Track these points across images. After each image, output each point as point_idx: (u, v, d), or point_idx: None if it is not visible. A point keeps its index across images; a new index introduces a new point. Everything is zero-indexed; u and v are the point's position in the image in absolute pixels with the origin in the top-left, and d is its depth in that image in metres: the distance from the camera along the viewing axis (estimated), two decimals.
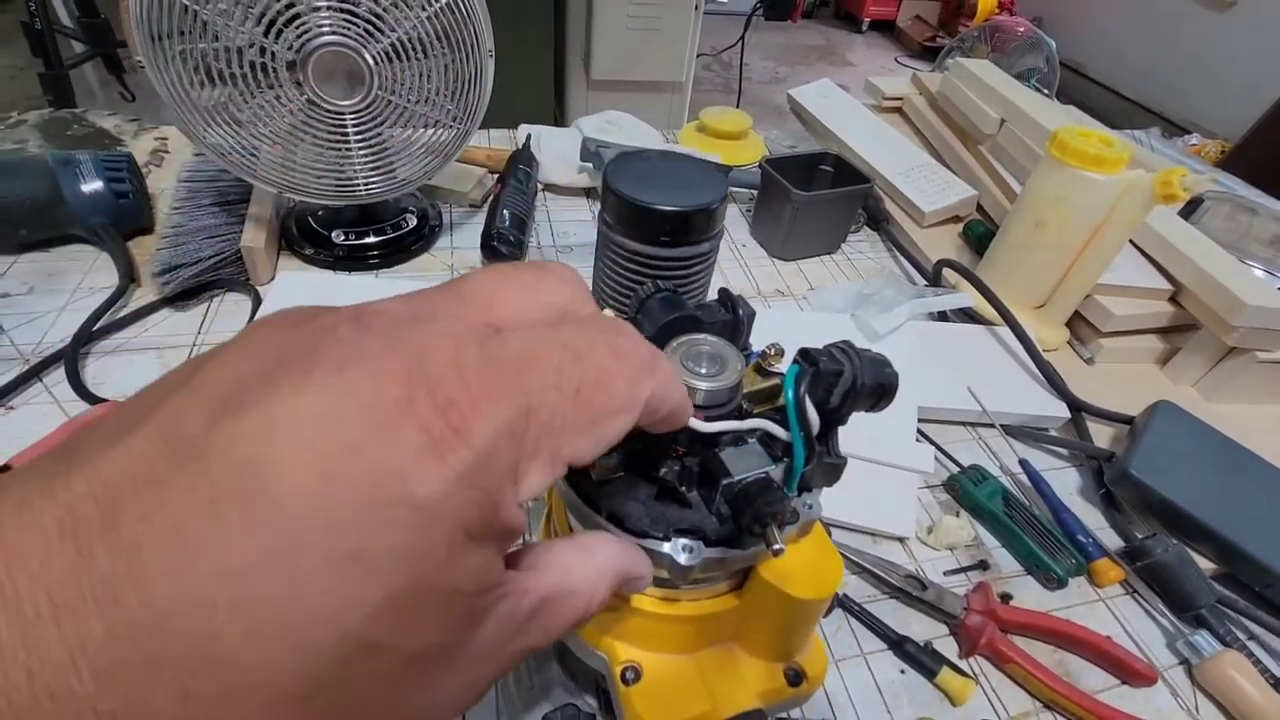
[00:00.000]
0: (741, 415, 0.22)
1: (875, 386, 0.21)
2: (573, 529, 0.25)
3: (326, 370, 0.12)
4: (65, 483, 0.11)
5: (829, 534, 0.26)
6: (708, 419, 0.21)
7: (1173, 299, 0.63)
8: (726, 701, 0.24)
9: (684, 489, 0.22)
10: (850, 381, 0.21)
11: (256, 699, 0.11)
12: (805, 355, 0.21)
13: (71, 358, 0.50)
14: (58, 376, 0.50)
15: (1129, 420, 0.55)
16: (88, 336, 0.52)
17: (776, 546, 0.19)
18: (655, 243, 0.33)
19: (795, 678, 0.26)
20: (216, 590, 0.11)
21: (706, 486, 0.21)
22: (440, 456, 0.12)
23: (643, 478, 0.22)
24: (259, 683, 0.11)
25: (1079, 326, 0.65)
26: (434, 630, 0.13)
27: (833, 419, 0.21)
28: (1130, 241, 0.66)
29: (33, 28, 1.21)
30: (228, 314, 0.58)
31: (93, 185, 0.59)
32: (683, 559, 0.20)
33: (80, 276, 0.59)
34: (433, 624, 0.13)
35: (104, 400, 0.48)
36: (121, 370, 0.52)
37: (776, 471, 0.21)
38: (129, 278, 0.58)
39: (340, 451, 0.11)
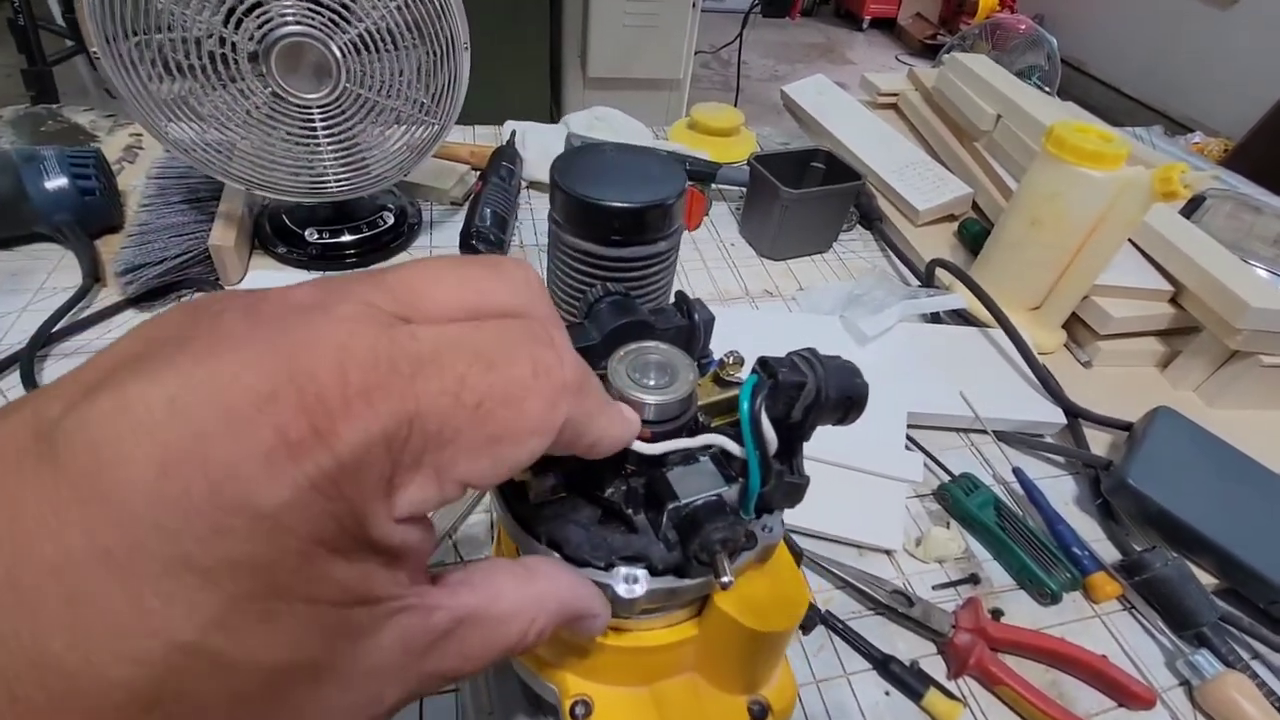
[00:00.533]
0: (696, 429, 0.20)
1: (841, 399, 0.19)
2: (520, 553, 0.23)
3: (192, 356, 0.11)
4: None
5: (799, 556, 0.24)
6: (656, 434, 0.19)
7: (1173, 300, 0.61)
8: None
9: (630, 512, 0.20)
10: (813, 394, 0.19)
11: (85, 709, 0.10)
12: (764, 365, 0.19)
13: (28, 360, 0.48)
14: (14, 380, 0.48)
15: (1127, 427, 0.53)
16: (46, 338, 0.51)
17: (725, 579, 0.17)
18: (606, 242, 0.31)
19: (760, 712, 0.24)
20: (45, 583, 0.10)
21: (654, 509, 0.19)
22: (294, 460, 0.11)
23: (586, 499, 0.20)
24: (87, 691, 0.10)
25: (1076, 329, 0.63)
26: (295, 644, 0.12)
27: (795, 434, 0.19)
28: (1129, 241, 0.64)
29: (16, 24, 1.20)
30: None
31: (57, 182, 0.58)
32: (622, 590, 0.18)
33: (44, 276, 0.58)
34: (292, 637, 0.12)
35: None
36: None
37: (730, 493, 0.19)
38: (93, 277, 0.56)
39: (183, 445, 0.10)
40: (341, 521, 0.11)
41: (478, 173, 0.74)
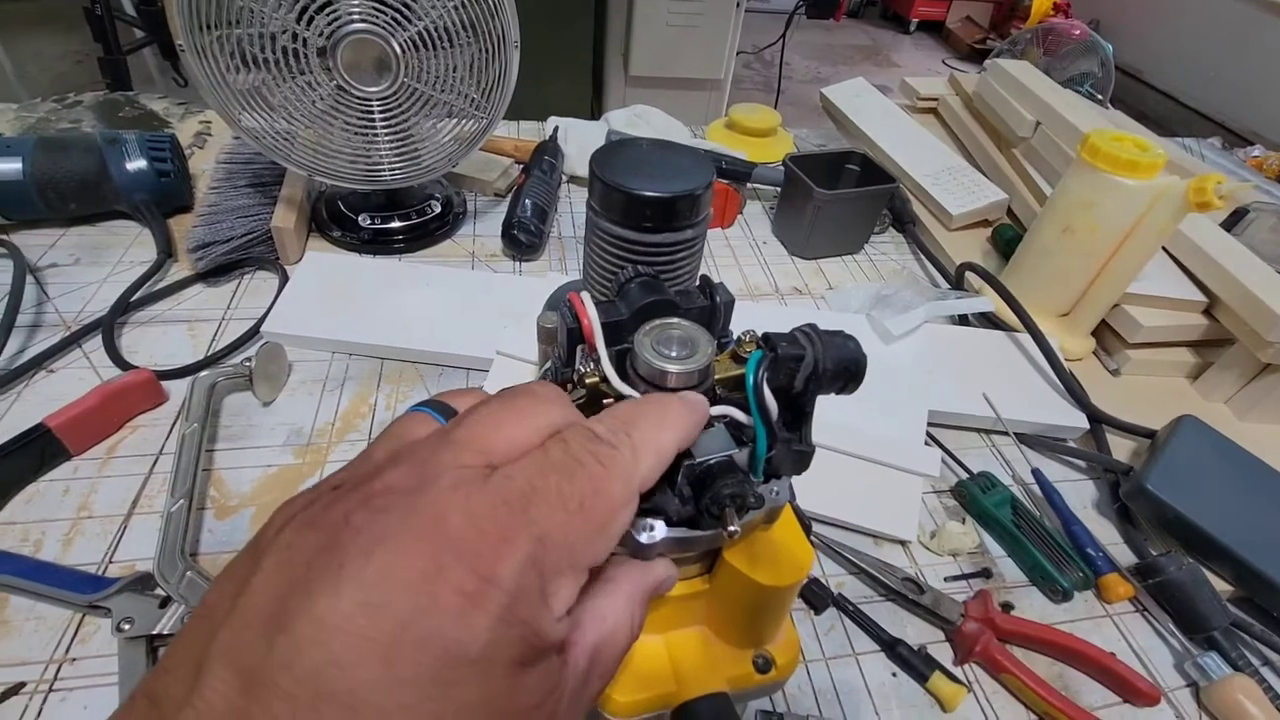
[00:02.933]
0: (714, 400, 0.23)
1: (839, 369, 0.21)
2: None
3: (355, 563, 0.13)
4: None
5: (808, 527, 0.26)
6: None
7: (1207, 312, 0.61)
8: (692, 684, 0.25)
9: None
10: (811, 365, 0.20)
11: None
12: (766, 339, 0.21)
13: (109, 326, 0.53)
14: (96, 343, 0.53)
15: (1151, 434, 0.53)
16: (125, 307, 0.55)
17: (731, 529, 0.19)
18: (638, 228, 0.34)
19: (764, 665, 0.26)
20: None
21: (671, 467, 0.22)
22: (478, 607, 0.13)
23: None
24: None
25: (1106, 336, 0.63)
26: None
27: (798, 403, 0.21)
28: (1165, 250, 0.63)
29: (94, 14, 1.27)
30: (256, 290, 0.60)
31: (137, 164, 0.62)
32: (642, 538, 0.20)
33: (122, 250, 0.62)
34: None
35: (135, 367, 0.50)
36: (155, 340, 0.54)
37: (741, 455, 0.21)
38: (166, 253, 0.60)
39: (391, 634, 0.13)
40: (525, 638, 0.14)
41: (521, 166, 0.77)
